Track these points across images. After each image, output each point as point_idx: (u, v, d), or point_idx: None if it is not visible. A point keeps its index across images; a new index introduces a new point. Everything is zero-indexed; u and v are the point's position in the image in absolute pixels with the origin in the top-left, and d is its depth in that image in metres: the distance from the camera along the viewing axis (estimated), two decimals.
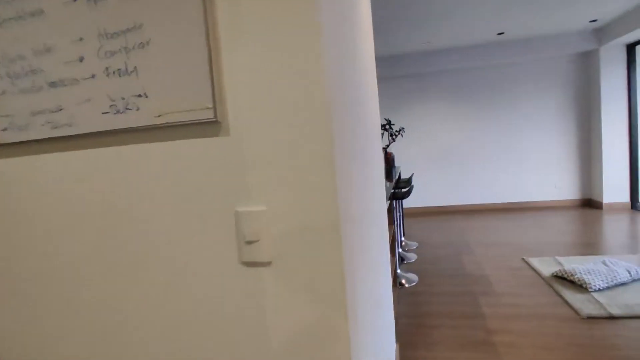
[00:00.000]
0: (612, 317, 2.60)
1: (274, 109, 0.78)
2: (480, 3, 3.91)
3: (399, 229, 3.99)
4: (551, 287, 3.13)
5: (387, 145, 4.07)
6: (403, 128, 4.53)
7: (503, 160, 6.26)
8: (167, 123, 0.82)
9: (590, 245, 4.14)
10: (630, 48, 5.35)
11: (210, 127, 0.82)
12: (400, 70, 6.04)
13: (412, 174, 4.51)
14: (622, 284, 3.06)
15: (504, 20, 4.61)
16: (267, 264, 0.82)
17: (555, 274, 3.31)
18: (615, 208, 5.66)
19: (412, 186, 3.50)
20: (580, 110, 5.96)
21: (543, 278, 3.32)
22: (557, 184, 6.15)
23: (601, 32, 5.35)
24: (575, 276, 3.13)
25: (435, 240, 4.75)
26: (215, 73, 0.79)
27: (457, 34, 5.02)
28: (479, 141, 6.30)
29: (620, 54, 5.45)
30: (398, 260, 3.55)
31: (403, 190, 3.34)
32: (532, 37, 5.55)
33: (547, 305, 2.83)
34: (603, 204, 5.71)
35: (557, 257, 3.76)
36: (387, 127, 4.02)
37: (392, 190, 3.36)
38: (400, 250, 4.18)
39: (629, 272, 3.14)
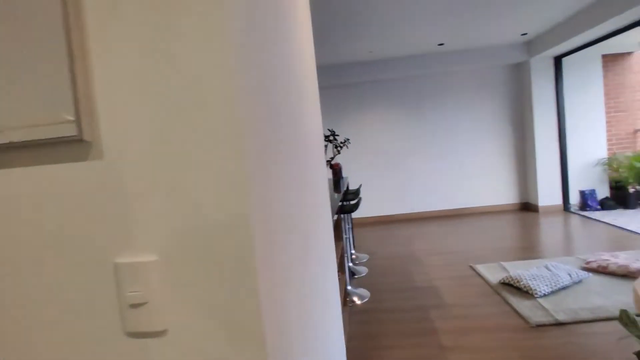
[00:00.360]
0: (559, 324, 2.61)
1: (163, 125, 0.57)
2: (421, 15, 3.93)
3: (348, 242, 3.85)
4: (499, 295, 3.13)
5: (332, 158, 3.94)
6: (348, 139, 4.44)
7: (445, 167, 6.40)
8: (10, 143, 0.58)
9: (531, 249, 4.27)
10: (557, 60, 5.71)
11: (75, 148, 0.59)
12: (344, 80, 6.00)
13: (360, 185, 4.41)
14: (565, 288, 3.13)
15: (443, 32, 4.70)
16: (160, 333, 0.59)
17: (502, 281, 3.33)
18: (550, 210, 5.97)
19: (360, 198, 3.38)
20: (515, 118, 6.27)
21: (491, 286, 3.32)
22: (497, 188, 6.40)
23: (531, 45, 5.66)
24: (522, 282, 3.16)
25: (386, 251, 4.68)
26: (79, 76, 0.57)
27: (399, 44, 5.06)
28: (422, 149, 6.41)
29: (548, 65, 5.80)
30: (349, 275, 3.40)
31: (352, 202, 3.20)
32: (470, 48, 5.75)
33: (497, 315, 2.80)
34: (539, 207, 6.00)
35: (502, 263, 3.82)
36: (332, 138, 3.90)
37: (341, 203, 3.22)
38: (350, 264, 4.04)
39: (570, 275, 3.23)
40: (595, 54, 5.80)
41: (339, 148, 4.25)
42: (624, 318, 1.47)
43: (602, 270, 3.38)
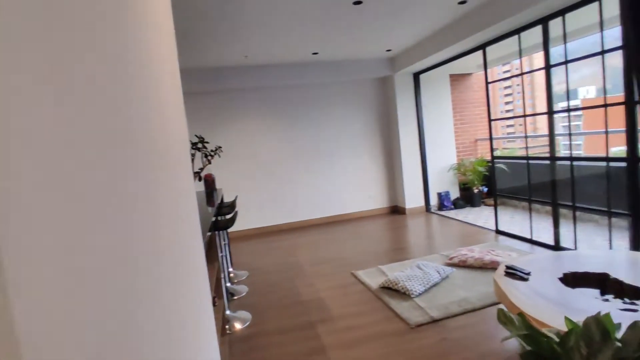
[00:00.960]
0: (434, 321, 2.73)
1: None
2: (294, 22, 3.86)
3: (225, 260, 3.49)
4: (381, 300, 3.18)
5: (202, 168, 3.55)
6: (220, 147, 4.07)
7: (323, 175, 6.51)
8: None
9: (403, 250, 4.53)
10: (416, 76, 6.33)
11: None
12: (220, 85, 5.61)
13: (237, 197, 4.09)
14: (436, 285, 3.34)
15: (317, 41, 4.74)
16: None
17: (382, 285, 3.40)
18: (415, 212, 6.55)
19: (237, 212, 3.07)
20: (384, 129, 6.74)
21: (372, 291, 3.36)
22: (371, 193, 6.76)
23: (395, 61, 6.16)
24: (399, 284, 3.26)
25: (267, 264, 4.44)
26: None
27: (274, 50, 4.93)
28: (301, 158, 6.40)
29: (409, 81, 6.39)
30: (227, 298, 3.04)
31: (227, 216, 2.88)
32: (343, 60, 5.97)
33: (381, 321, 2.80)
34: (406, 210, 6.53)
35: (380, 267, 3.94)
36: (200, 145, 3.50)
37: (215, 219, 2.86)
38: (229, 284, 3.68)
39: (439, 273, 3.47)
40: (445, 73, 6.62)
41: (209, 157, 3.85)
42: (502, 317, 1.50)
43: (462, 265, 3.73)
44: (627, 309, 1.95)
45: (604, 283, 2.46)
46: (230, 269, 4.11)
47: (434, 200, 6.69)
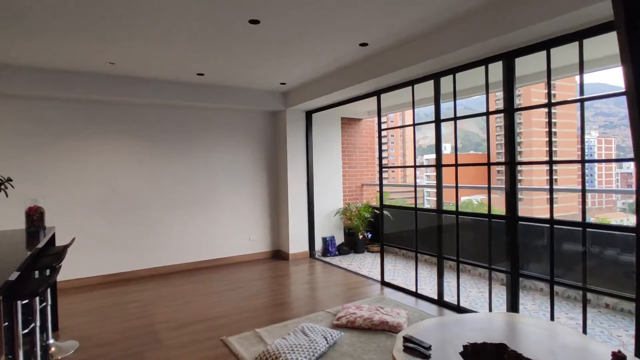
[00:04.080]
0: None
1: None
2: (173, 32, 3.20)
3: (43, 329, 2.42)
4: None
5: None
6: (10, 179, 3.00)
7: (198, 213, 5.66)
8: None
9: (285, 306, 3.96)
10: (308, 115, 6.10)
11: None
12: (72, 91, 4.46)
13: (73, 239, 3.04)
14: (322, 355, 2.83)
15: (203, 60, 4.11)
16: None
17: (260, 358, 2.75)
18: (298, 257, 6.09)
19: (60, 266, 2.14)
20: (271, 165, 6.26)
21: None
22: (252, 236, 6.11)
23: (288, 96, 5.84)
24: (281, 358, 2.66)
25: (108, 331, 3.37)
26: None
27: (148, 62, 4.12)
28: (171, 190, 5.47)
29: (301, 118, 6.12)
30: None
31: (48, 269, 1.95)
32: (232, 87, 5.40)
33: None
34: (289, 255, 6.03)
35: (257, 330, 3.28)
36: None
37: (19, 275, 1.89)
38: None
39: (326, 339, 2.97)
40: (337, 116, 6.56)
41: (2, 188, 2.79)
42: None
43: (351, 326, 3.32)
44: None
45: (502, 355, 2.28)
46: (51, 341, 2.96)
47: (318, 245, 6.35)
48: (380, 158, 4.67)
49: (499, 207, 3.87)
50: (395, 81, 4.18)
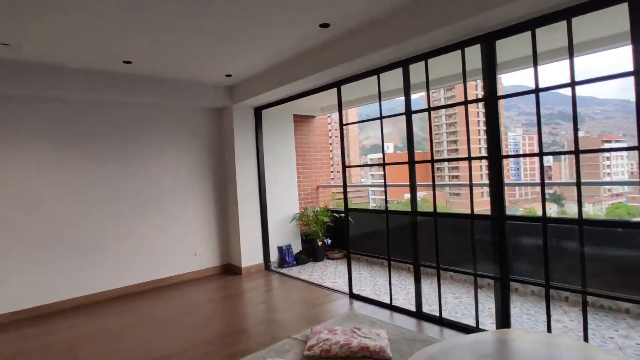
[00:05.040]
0: None
1: None
2: (86, 5, 2.48)
3: None
4: None
5: None
6: None
7: (134, 227, 4.82)
8: None
9: (243, 335, 3.34)
10: (258, 111, 5.49)
11: None
12: None
13: None
14: None
15: (130, 45, 3.37)
16: None
17: None
18: (252, 271, 5.46)
19: None
20: (217, 169, 5.56)
21: None
22: (198, 251, 5.36)
23: (234, 91, 5.19)
24: None
25: None
26: None
27: (60, 45, 3.30)
28: (102, 205, 4.59)
29: (249, 116, 5.49)
30: None
31: None
32: (169, 79, 4.64)
33: None
34: (242, 269, 5.38)
35: None
36: None
37: None
38: None
39: None
40: (289, 113, 6.01)
41: None
42: None
43: (325, 355, 2.79)
44: None
45: None
46: None
47: (274, 256, 5.76)
48: (343, 156, 4.21)
49: (442, 202, 3.56)
50: (359, 70, 3.74)
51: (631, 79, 2.21)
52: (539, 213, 2.71)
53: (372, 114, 4.00)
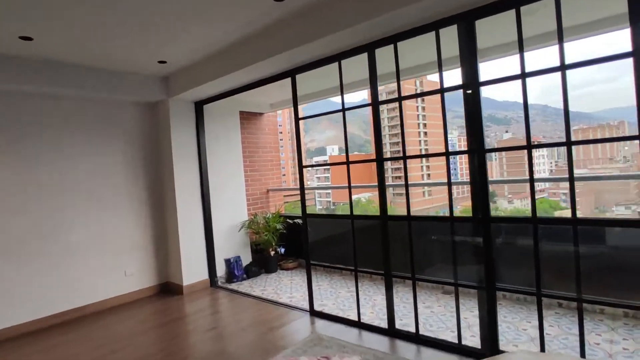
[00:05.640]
0: None
1: None
2: None
3: None
4: None
5: None
6: None
7: (45, 247, 3.93)
8: None
9: None
10: (199, 106, 4.81)
11: None
12: None
13: None
14: None
15: (29, 15, 2.61)
16: None
17: None
18: (196, 289, 4.76)
19: None
20: (151, 173, 4.78)
21: None
22: (129, 269, 4.56)
23: (170, 81, 4.49)
24: None
25: None
26: None
27: None
28: (8, 219, 3.66)
29: (189, 111, 4.79)
30: None
31: None
32: (88, 65, 3.84)
33: None
34: (183, 287, 4.66)
35: None
36: None
37: None
38: None
39: None
40: (235, 108, 5.39)
41: None
42: None
43: None
44: None
45: None
46: None
47: (221, 270, 5.10)
48: (300, 154, 3.72)
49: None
50: (317, 55, 3.27)
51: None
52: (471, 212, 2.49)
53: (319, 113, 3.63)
